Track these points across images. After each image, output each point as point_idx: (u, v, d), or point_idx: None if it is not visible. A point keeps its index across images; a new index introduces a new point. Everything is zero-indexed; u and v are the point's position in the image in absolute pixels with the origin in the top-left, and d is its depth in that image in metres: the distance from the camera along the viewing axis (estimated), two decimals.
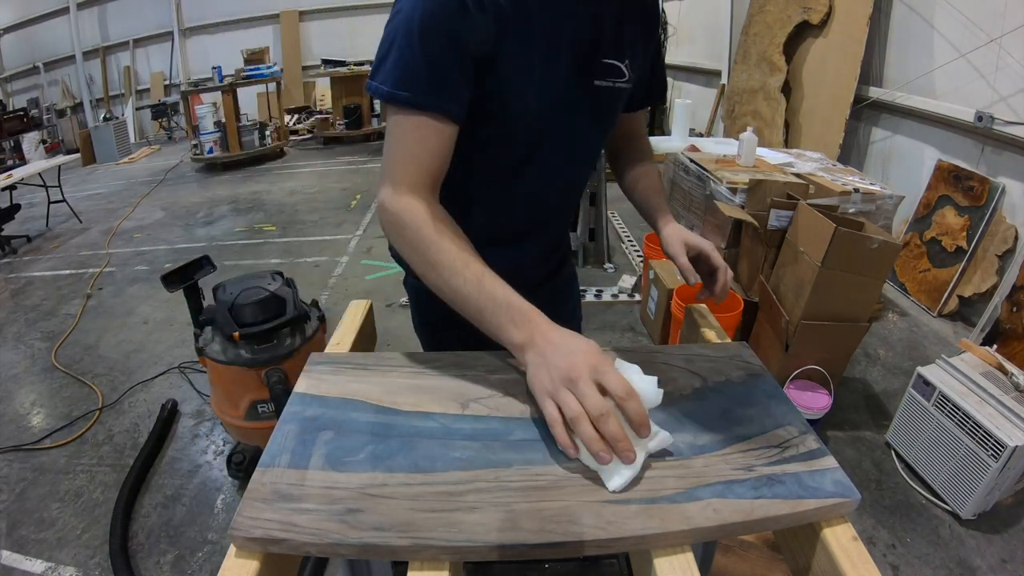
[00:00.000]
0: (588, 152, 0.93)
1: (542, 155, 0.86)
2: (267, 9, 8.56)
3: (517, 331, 0.64)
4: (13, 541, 1.81)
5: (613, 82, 0.84)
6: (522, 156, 0.86)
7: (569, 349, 0.60)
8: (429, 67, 0.69)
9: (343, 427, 0.67)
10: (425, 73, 0.69)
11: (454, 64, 0.70)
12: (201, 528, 1.84)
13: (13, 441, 2.27)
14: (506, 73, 0.75)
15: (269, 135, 6.89)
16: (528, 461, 0.62)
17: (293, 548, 0.54)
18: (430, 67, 0.69)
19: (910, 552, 1.66)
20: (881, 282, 2.11)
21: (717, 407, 0.71)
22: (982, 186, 2.81)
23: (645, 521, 0.54)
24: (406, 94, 0.69)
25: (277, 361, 1.77)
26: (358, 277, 3.62)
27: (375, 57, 0.73)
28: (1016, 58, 2.63)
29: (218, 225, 4.76)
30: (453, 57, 0.69)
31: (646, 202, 0.99)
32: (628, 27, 0.82)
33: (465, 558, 0.55)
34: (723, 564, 1.34)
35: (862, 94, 3.62)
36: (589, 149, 0.93)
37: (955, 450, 1.74)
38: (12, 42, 9.13)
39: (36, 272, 4.03)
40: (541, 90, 0.79)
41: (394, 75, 0.69)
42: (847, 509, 0.57)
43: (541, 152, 0.86)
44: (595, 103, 0.85)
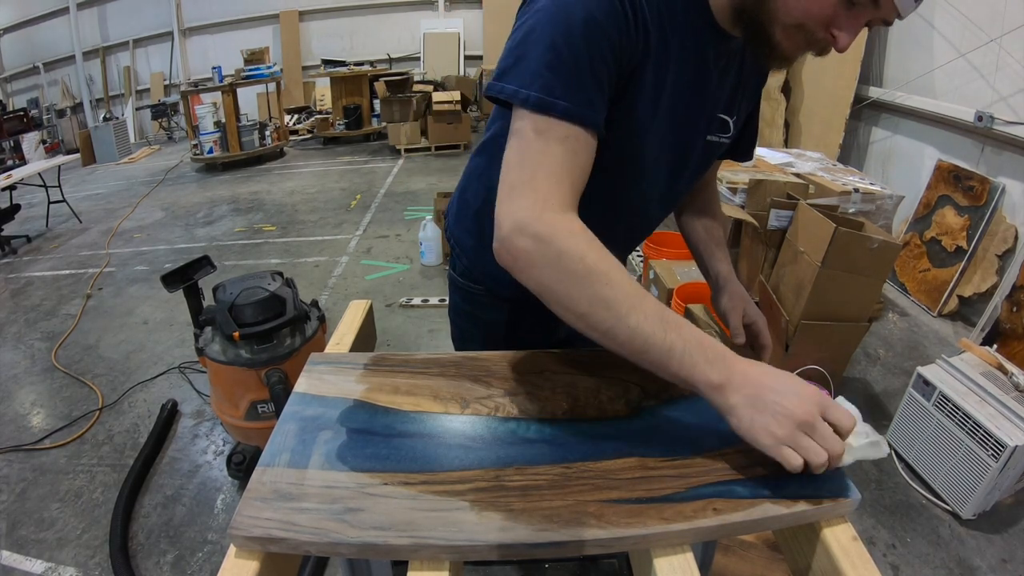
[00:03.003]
0: (680, 197, 0.93)
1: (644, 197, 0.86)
2: (267, 9, 8.56)
3: (714, 371, 0.57)
4: (13, 541, 1.81)
5: (720, 137, 0.83)
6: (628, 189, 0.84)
7: (789, 390, 0.56)
8: (590, 72, 0.62)
9: (343, 427, 0.67)
10: (585, 78, 0.62)
11: (608, 76, 0.64)
12: (201, 528, 1.83)
13: (13, 441, 2.27)
14: (637, 102, 0.70)
15: (269, 135, 6.89)
16: (528, 461, 0.62)
17: (293, 547, 0.54)
18: (591, 73, 0.62)
19: (910, 552, 1.66)
20: (881, 282, 2.11)
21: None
22: (982, 186, 2.81)
23: (645, 521, 0.55)
24: (564, 103, 0.61)
25: (277, 361, 1.77)
26: (358, 277, 3.62)
27: (504, 55, 0.66)
28: (1016, 58, 2.63)
29: (218, 225, 4.76)
30: (610, 68, 0.64)
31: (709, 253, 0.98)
32: (741, 85, 0.82)
33: (465, 558, 0.55)
34: (723, 564, 1.34)
35: (862, 94, 3.61)
36: (683, 194, 0.92)
37: (955, 450, 1.74)
38: (12, 42, 9.13)
39: (36, 272, 4.03)
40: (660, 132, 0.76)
41: (546, 79, 0.61)
42: (847, 509, 0.57)
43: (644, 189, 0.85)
44: (702, 155, 0.84)
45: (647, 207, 0.89)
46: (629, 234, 0.95)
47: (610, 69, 0.64)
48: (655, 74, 0.69)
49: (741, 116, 0.86)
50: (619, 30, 0.63)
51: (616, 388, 0.74)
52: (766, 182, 2.55)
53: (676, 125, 0.77)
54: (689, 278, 2.52)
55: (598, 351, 0.84)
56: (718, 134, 0.83)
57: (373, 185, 5.60)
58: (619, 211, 0.86)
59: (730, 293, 0.92)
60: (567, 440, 0.65)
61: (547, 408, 0.71)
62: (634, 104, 0.70)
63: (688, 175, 0.87)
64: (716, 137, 0.83)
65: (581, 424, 0.68)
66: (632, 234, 0.96)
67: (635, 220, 0.92)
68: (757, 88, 0.88)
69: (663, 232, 3.21)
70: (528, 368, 0.78)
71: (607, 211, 0.82)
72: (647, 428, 0.67)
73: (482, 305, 0.98)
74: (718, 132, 0.82)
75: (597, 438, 0.66)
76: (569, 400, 0.72)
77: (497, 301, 0.97)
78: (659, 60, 0.68)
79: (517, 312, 0.97)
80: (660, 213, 0.94)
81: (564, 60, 0.61)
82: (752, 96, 0.87)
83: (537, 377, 0.77)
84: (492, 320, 0.99)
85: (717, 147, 0.85)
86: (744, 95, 0.84)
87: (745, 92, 0.84)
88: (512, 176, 0.62)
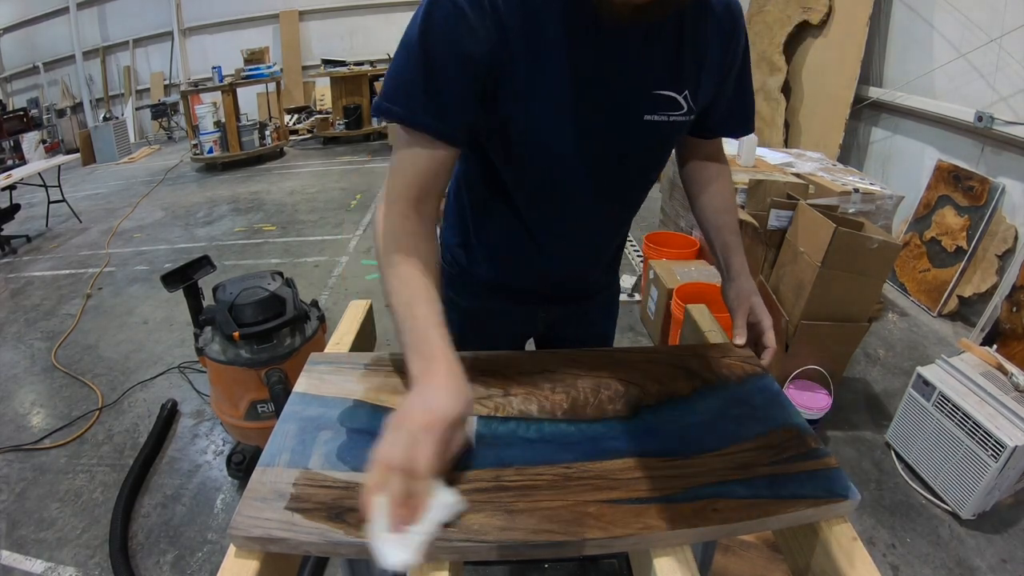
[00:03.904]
0: (639, 184, 0.89)
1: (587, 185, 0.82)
2: (267, 9, 8.55)
3: (417, 362, 0.63)
4: (13, 541, 1.81)
5: (668, 116, 0.77)
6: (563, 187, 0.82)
7: (427, 401, 0.58)
8: (426, 83, 0.66)
9: (343, 427, 0.67)
10: (421, 89, 0.67)
11: (454, 81, 0.67)
12: (201, 528, 1.83)
13: (13, 441, 2.27)
14: (520, 98, 0.71)
15: (269, 135, 6.88)
16: (528, 461, 0.62)
17: (293, 547, 0.54)
18: (427, 83, 0.66)
19: (910, 552, 1.66)
20: (881, 282, 2.11)
21: (717, 407, 0.71)
22: (982, 186, 2.81)
23: (645, 521, 0.55)
24: (398, 109, 0.68)
25: (277, 361, 1.77)
26: (358, 277, 3.62)
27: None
28: (1016, 58, 2.63)
29: (218, 225, 4.76)
30: (454, 73, 0.67)
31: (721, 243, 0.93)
32: (690, 54, 0.75)
33: (465, 558, 0.55)
34: (723, 564, 1.34)
35: (862, 94, 3.61)
36: (641, 181, 0.88)
37: (955, 450, 1.74)
38: (12, 42, 9.12)
39: (36, 272, 4.03)
40: (570, 123, 0.75)
41: (389, 88, 0.69)
42: (847, 509, 0.57)
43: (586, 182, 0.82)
44: (645, 138, 0.79)
45: (596, 202, 0.85)
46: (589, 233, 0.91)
47: (456, 72, 0.67)
48: (529, 63, 0.69)
49: (705, 88, 0.79)
50: (457, 30, 0.65)
51: (616, 388, 0.74)
52: (766, 182, 2.55)
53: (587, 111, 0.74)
54: (689, 278, 2.52)
55: (599, 351, 0.84)
56: (665, 113, 0.76)
57: (373, 185, 5.60)
58: (562, 209, 0.85)
59: (737, 288, 0.88)
60: (567, 440, 0.65)
61: (547, 408, 0.71)
62: (516, 98, 0.71)
63: (637, 161, 0.82)
64: (663, 116, 0.76)
65: (581, 424, 0.68)
66: (595, 233, 0.92)
67: (590, 217, 0.87)
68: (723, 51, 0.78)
69: (663, 232, 3.21)
70: (528, 368, 0.78)
71: (550, 211, 0.85)
72: (647, 428, 0.67)
73: (459, 289, 1.01)
74: (664, 111, 0.76)
75: (597, 438, 0.66)
76: (569, 400, 0.72)
77: (473, 286, 1.00)
78: (531, 48, 0.69)
79: (493, 299, 0.99)
80: (621, 206, 0.91)
81: (404, 71, 0.67)
82: (716, 68, 0.79)
83: (537, 377, 0.77)
84: (469, 306, 1.02)
85: (669, 127, 0.78)
86: (698, 68, 0.77)
87: (698, 65, 0.76)
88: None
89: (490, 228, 0.92)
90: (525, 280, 0.97)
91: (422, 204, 0.72)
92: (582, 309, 1.07)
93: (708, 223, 0.95)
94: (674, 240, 3.07)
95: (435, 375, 0.61)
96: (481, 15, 0.65)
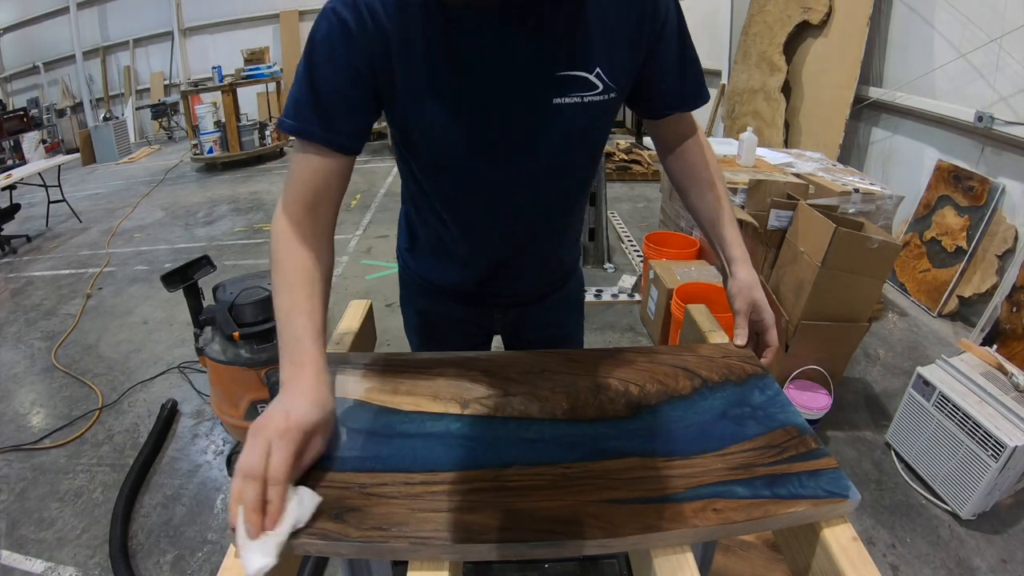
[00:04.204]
0: (564, 172, 0.85)
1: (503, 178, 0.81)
2: (267, 9, 8.56)
3: (288, 368, 0.65)
4: (13, 541, 1.81)
5: (582, 96, 0.75)
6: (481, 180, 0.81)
7: (284, 406, 0.59)
8: (312, 96, 0.70)
9: (343, 426, 0.67)
10: (310, 102, 0.70)
11: (340, 92, 0.70)
12: (201, 528, 1.84)
13: (13, 441, 2.27)
14: (414, 98, 0.73)
15: (269, 135, 6.89)
16: (528, 461, 0.62)
17: (293, 547, 0.54)
18: (313, 96, 0.70)
19: (910, 552, 1.66)
20: (881, 282, 2.11)
21: (717, 407, 0.71)
22: (982, 186, 2.81)
23: (645, 521, 0.55)
24: (290, 122, 0.71)
25: (277, 361, 1.77)
26: (358, 277, 3.62)
27: None
28: (1016, 58, 2.63)
29: (218, 225, 4.76)
30: (338, 84, 0.70)
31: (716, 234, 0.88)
32: (597, 30, 0.73)
33: (465, 558, 0.55)
34: (723, 564, 1.34)
35: (862, 94, 3.61)
36: (565, 169, 0.84)
37: (955, 450, 1.74)
38: (12, 42, 9.13)
39: (36, 272, 4.03)
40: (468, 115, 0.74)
41: (287, 103, 0.72)
42: (847, 509, 0.57)
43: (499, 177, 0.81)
44: (560, 121, 0.76)
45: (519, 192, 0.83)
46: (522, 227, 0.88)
47: (344, 85, 0.70)
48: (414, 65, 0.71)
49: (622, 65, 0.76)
50: (344, 45, 0.68)
51: (616, 388, 0.74)
52: (766, 182, 2.55)
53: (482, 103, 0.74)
54: (689, 278, 2.52)
55: (599, 351, 0.84)
56: (577, 94, 0.74)
57: (373, 185, 5.60)
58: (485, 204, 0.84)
59: (739, 284, 0.84)
60: (567, 440, 0.65)
61: (547, 408, 0.71)
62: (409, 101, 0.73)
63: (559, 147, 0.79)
64: (575, 98, 0.74)
65: (581, 424, 0.68)
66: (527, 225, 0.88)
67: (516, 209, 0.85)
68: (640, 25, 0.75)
69: (663, 232, 3.21)
70: (528, 368, 0.78)
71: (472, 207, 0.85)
72: (647, 428, 0.67)
73: (412, 291, 1.05)
74: (576, 92, 0.74)
75: (597, 438, 0.66)
76: (569, 400, 0.72)
77: (423, 288, 1.02)
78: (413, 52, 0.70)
79: (444, 301, 1.01)
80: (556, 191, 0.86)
81: (297, 86, 0.71)
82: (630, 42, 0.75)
83: (537, 377, 0.77)
84: (423, 308, 1.05)
85: (586, 108, 0.76)
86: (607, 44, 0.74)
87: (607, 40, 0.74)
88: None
89: (426, 229, 0.94)
90: (468, 279, 0.97)
91: (316, 210, 0.74)
92: (538, 309, 1.05)
93: (700, 215, 0.91)
94: (674, 240, 3.07)
95: (300, 382, 0.63)
96: (362, 25, 0.67)
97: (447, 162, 0.80)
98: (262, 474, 0.54)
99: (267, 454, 0.55)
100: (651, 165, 5.41)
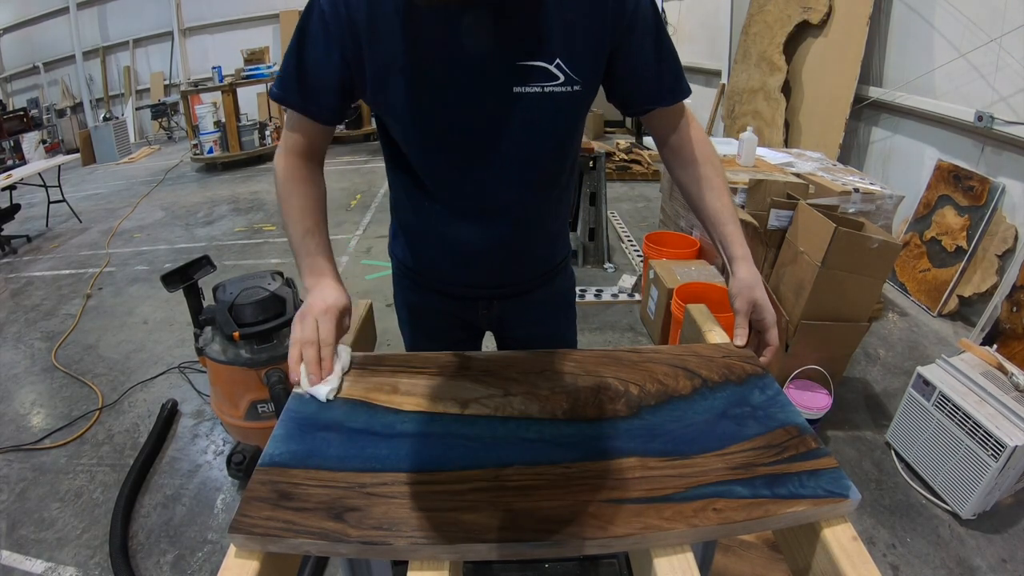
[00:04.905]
0: (530, 162, 0.85)
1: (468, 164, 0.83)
2: (267, 9, 8.56)
3: (309, 277, 0.84)
4: (13, 541, 1.81)
5: (542, 87, 0.77)
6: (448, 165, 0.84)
7: (320, 296, 0.80)
8: (299, 72, 0.80)
9: (343, 427, 0.67)
10: (295, 76, 0.80)
11: (323, 72, 0.79)
12: (201, 528, 1.83)
13: (13, 441, 2.27)
14: (384, 84, 0.79)
15: (269, 135, 6.89)
16: (528, 461, 0.62)
17: (293, 548, 0.54)
18: (299, 72, 0.80)
19: (910, 552, 1.66)
20: (881, 282, 2.11)
21: (717, 407, 0.71)
22: (982, 186, 2.81)
23: (645, 521, 0.55)
24: (279, 92, 0.83)
25: (277, 361, 1.77)
26: (358, 277, 3.62)
27: None
28: (1016, 58, 2.63)
29: (218, 225, 4.76)
30: (323, 65, 0.79)
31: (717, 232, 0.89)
32: (558, 23, 0.75)
33: (465, 558, 0.55)
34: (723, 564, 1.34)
35: (862, 94, 3.61)
36: (531, 159, 0.85)
37: (955, 450, 1.74)
38: (12, 42, 9.12)
39: (36, 272, 4.03)
40: (433, 100, 0.78)
41: (278, 75, 0.83)
42: (847, 509, 0.57)
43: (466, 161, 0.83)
44: (521, 109, 0.78)
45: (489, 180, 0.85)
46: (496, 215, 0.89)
47: (325, 64, 0.78)
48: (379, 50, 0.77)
49: (584, 58, 0.78)
50: (327, 36, 0.77)
51: (616, 388, 0.74)
52: (766, 182, 2.55)
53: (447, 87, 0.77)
54: (689, 278, 2.52)
55: (599, 351, 0.84)
56: (537, 84, 0.76)
57: (373, 185, 5.60)
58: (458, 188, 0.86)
59: (738, 281, 0.84)
60: (567, 440, 0.65)
61: (547, 408, 0.71)
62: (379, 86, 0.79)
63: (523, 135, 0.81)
64: (535, 87, 0.77)
65: (581, 424, 0.68)
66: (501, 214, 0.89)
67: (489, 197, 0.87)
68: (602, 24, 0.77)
69: (663, 232, 3.21)
70: (528, 368, 0.78)
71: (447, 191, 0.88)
72: (647, 428, 0.67)
73: (405, 286, 1.08)
74: (535, 82, 0.76)
75: (597, 438, 0.66)
76: (569, 400, 0.72)
77: (410, 279, 1.06)
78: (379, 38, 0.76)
79: (431, 293, 1.04)
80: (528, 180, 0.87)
81: (286, 61, 0.81)
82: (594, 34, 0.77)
83: (537, 377, 0.77)
84: (412, 301, 1.09)
85: (548, 98, 0.78)
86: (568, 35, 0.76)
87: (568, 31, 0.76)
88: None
89: (409, 216, 0.97)
90: (444, 266, 0.99)
91: (307, 156, 0.88)
92: (522, 305, 1.04)
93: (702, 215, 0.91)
94: (674, 240, 3.07)
95: (324, 284, 0.83)
96: (336, 15, 0.75)
97: (420, 141, 0.85)
98: (316, 340, 0.75)
99: (315, 328, 0.76)
100: (651, 165, 5.41)
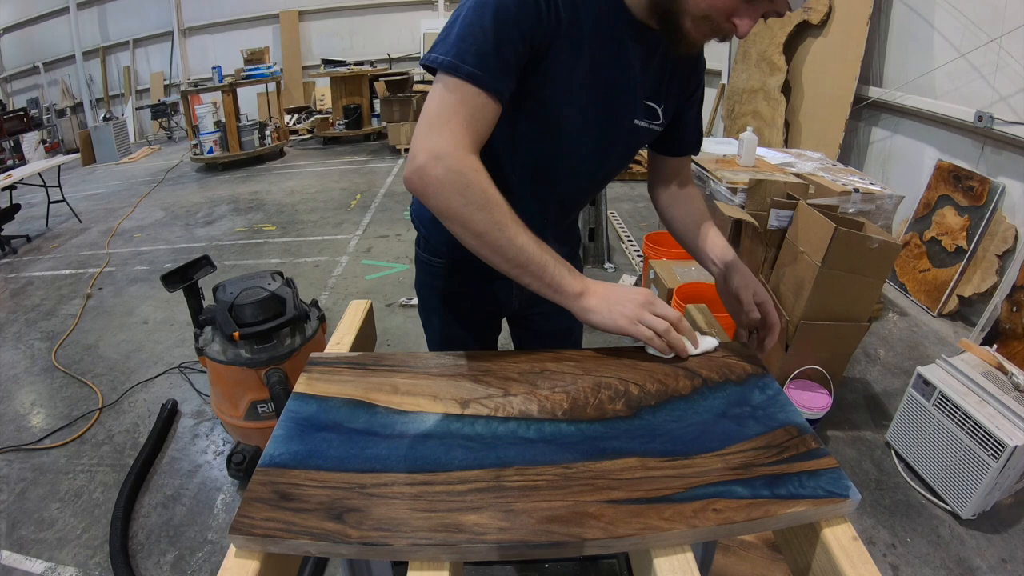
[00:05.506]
0: (605, 178, 1.02)
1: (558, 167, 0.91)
2: (267, 9, 8.56)
3: (575, 282, 0.77)
4: (13, 541, 1.81)
5: (649, 123, 0.90)
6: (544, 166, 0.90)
7: (628, 291, 0.78)
8: (496, 49, 0.73)
9: (343, 427, 0.67)
10: (492, 53, 0.73)
11: (516, 55, 0.75)
12: (201, 528, 1.83)
13: (13, 441, 2.27)
14: (550, 78, 0.80)
15: (269, 135, 6.89)
16: (528, 461, 0.62)
17: (293, 548, 0.54)
18: (496, 49, 0.73)
19: (910, 552, 1.66)
20: (881, 282, 2.10)
21: (717, 407, 0.71)
22: (982, 186, 2.80)
23: (645, 521, 0.55)
24: (469, 68, 0.72)
25: (277, 361, 1.77)
26: (358, 277, 3.62)
27: (439, 36, 0.77)
28: (1016, 58, 2.63)
29: (218, 225, 4.76)
30: (517, 48, 0.74)
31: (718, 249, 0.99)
32: (670, 74, 0.88)
33: (465, 558, 0.55)
34: (723, 564, 1.34)
35: (862, 94, 3.61)
36: (608, 176, 1.01)
37: (955, 450, 1.74)
38: (12, 42, 9.13)
39: (36, 272, 4.03)
40: (579, 109, 0.84)
41: (460, 48, 0.73)
42: (847, 509, 0.57)
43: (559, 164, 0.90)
44: (630, 139, 0.91)
45: (578, 181, 0.95)
46: (560, 208, 0.99)
47: (518, 50, 0.75)
48: (568, 53, 0.78)
49: (671, 106, 0.92)
50: (529, 18, 0.74)
51: (616, 388, 0.74)
52: (766, 182, 2.55)
53: (597, 102, 0.84)
54: (689, 278, 2.52)
55: (599, 351, 0.84)
56: (646, 119, 0.89)
57: (373, 185, 5.60)
58: (552, 183, 0.93)
59: (741, 272, 0.93)
60: (567, 440, 0.65)
61: (547, 408, 0.71)
62: (548, 79, 0.80)
63: (617, 156, 0.93)
64: (644, 122, 0.89)
65: (581, 424, 0.68)
66: (563, 208, 1.01)
67: (567, 194, 0.97)
68: (689, 80, 0.92)
69: (663, 232, 3.21)
70: (528, 368, 0.78)
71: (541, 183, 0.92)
72: (647, 428, 0.67)
73: (439, 276, 1.08)
74: (646, 118, 0.89)
75: (597, 438, 0.66)
76: (569, 400, 0.72)
77: (453, 272, 1.06)
78: (572, 42, 0.78)
79: (470, 283, 1.06)
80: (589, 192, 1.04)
81: (476, 37, 0.73)
82: (683, 88, 0.91)
83: (537, 377, 0.77)
84: (449, 290, 1.09)
85: (646, 133, 0.91)
86: (674, 86, 0.90)
87: (674, 83, 0.89)
88: (430, 119, 0.74)
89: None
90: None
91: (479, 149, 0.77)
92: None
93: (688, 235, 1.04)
94: (674, 240, 3.06)
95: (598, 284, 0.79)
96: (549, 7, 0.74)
97: (540, 138, 0.86)
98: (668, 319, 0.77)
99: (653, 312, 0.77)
100: None
